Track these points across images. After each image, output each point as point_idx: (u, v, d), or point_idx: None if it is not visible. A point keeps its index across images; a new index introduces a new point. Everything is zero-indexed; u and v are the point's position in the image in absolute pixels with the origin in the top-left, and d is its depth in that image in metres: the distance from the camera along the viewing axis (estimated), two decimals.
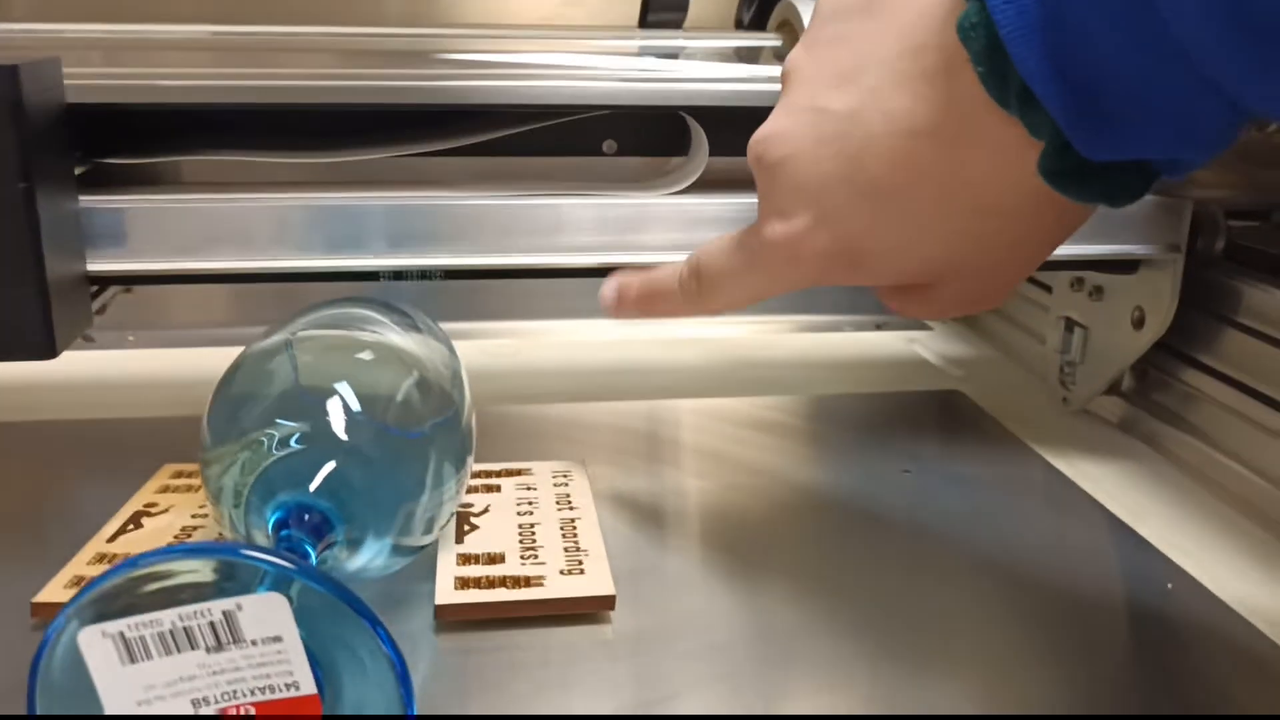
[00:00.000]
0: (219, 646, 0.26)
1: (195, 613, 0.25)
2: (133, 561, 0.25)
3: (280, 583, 0.26)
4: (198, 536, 0.43)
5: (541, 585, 0.39)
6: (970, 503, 0.50)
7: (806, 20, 0.54)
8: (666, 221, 0.47)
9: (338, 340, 0.41)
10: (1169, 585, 0.43)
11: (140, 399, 0.62)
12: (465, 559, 0.41)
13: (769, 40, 0.61)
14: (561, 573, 0.40)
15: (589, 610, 0.39)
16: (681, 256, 0.40)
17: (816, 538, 0.47)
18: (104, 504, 0.45)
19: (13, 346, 0.40)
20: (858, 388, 0.66)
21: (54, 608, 0.38)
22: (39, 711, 0.26)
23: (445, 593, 0.39)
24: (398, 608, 0.39)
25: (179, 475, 0.48)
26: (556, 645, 0.38)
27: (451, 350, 0.44)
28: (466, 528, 0.43)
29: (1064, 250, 0.50)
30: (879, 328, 0.77)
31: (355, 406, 0.37)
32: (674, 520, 0.49)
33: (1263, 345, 0.50)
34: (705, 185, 0.50)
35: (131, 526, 0.43)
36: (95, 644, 0.25)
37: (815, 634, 0.40)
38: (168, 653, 0.25)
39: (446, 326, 0.45)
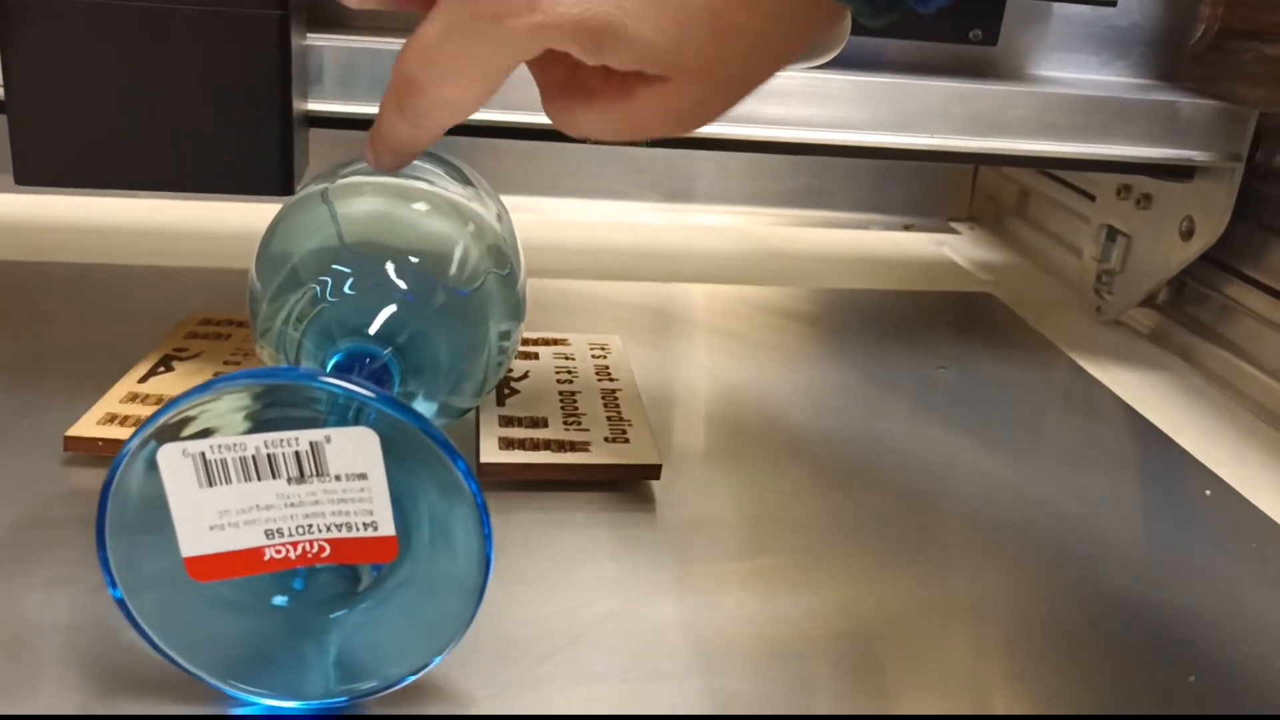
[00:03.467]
0: (301, 478, 0.25)
1: (281, 440, 0.24)
2: (217, 382, 0.24)
3: (364, 417, 0.25)
4: None
5: (587, 451, 0.38)
6: (1005, 403, 0.50)
7: None
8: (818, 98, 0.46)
9: (394, 189, 0.39)
10: (1207, 492, 0.43)
11: (169, 248, 0.61)
12: (508, 421, 0.40)
13: None
14: (606, 440, 0.39)
15: (635, 478, 0.39)
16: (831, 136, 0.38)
17: (851, 428, 0.46)
18: (132, 346, 0.44)
19: (251, 181, 0.38)
20: (887, 285, 0.65)
21: (87, 442, 0.37)
22: (108, 526, 0.25)
23: (490, 452, 0.38)
24: None
25: (207, 323, 0.47)
26: (600, 510, 0.38)
27: (503, 207, 0.42)
28: (506, 391, 0.42)
29: (1120, 151, 0.50)
30: (907, 228, 0.76)
31: (413, 256, 0.36)
32: (710, 400, 0.48)
33: None
34: None
35: (162, 369, 0.42)
36: (174, 463, 0.24)
37: (848, 523, 0.39)
38: (247, 479, 0.25)
39: None
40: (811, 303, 0.61)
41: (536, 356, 0.46)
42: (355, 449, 0.25)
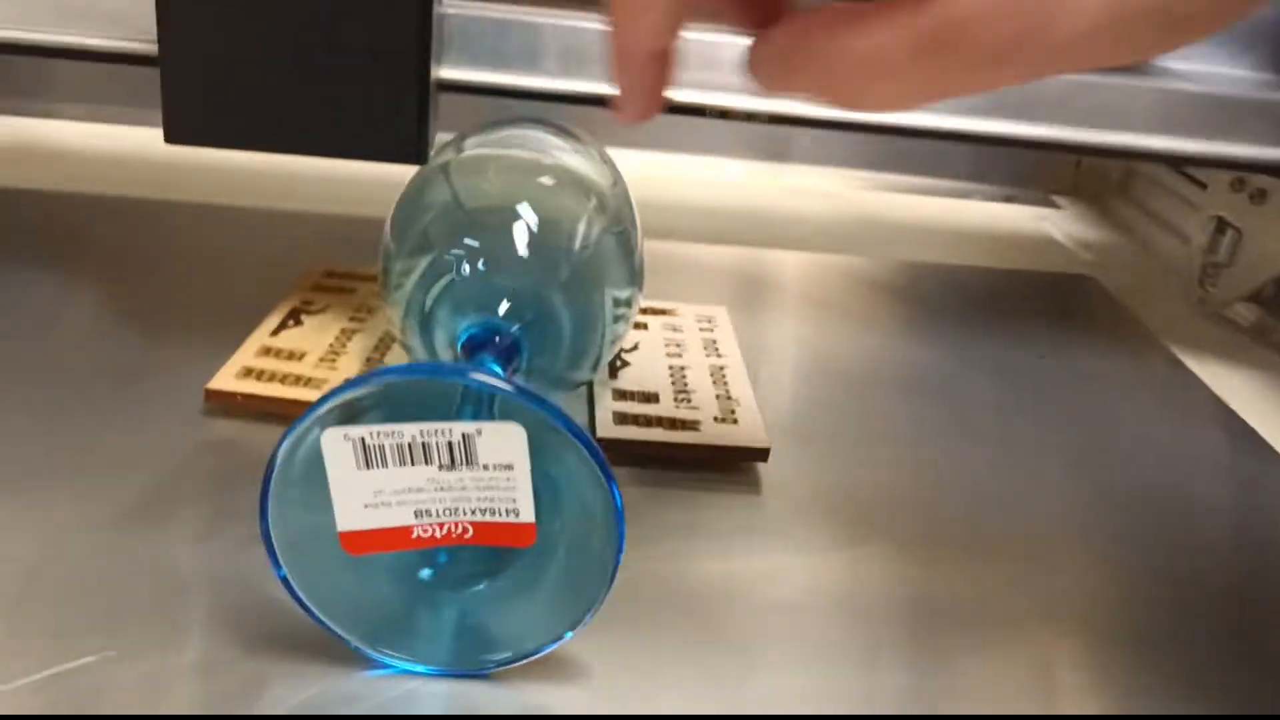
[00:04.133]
0: (451, 465, 0.26)
1: (436, 430, 0.26)
2: (380, 373, 0.26)
3: (519, 413, 0.27)
4: (357, 339, 0.43)
5: (697, 430, 0.40)
6: (1103, 397, 0.50)
7: None
8: None
9: (523, 163, 0.40)
10: None
11: (296, 191, 0.62)
12: (621, 395, 0.41)
13: None
14: (716, 420, 0.40)
15: (743, 460, 0.40)
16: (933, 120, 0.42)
17: (951, 412, 0.47)
18: (260, 294, 0.46)
19: (388, 149, 0.40)
20: (986, 260, 0.65)
21: (225, 395, 0.39)
22: (271, 499, 0.27)
23: (605, 426, 0.39)
24: None
25: (332, 275, 0.48)
26: (709, 489, 0.39)
27: (619, 173, 0.43)
28: (619, 363, 0.44)
29: (1239, 150, 0.49)
30: (1009, 200, 0.75)
31: (540, 232, 0.37)
32: (807, 376, 0.49)
33: None
34: None
35: (291, 322, 0.44)
36: (336, 445, 0.26)
37: (944, 517, 0.40)
38: (402, 464, 0.26)
39: None
40: (909, 277, 0.61)
41: (646, 327, 0.47)
42: (504, 442, 0.26)
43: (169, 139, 0.39)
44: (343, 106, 0.39)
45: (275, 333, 0.43)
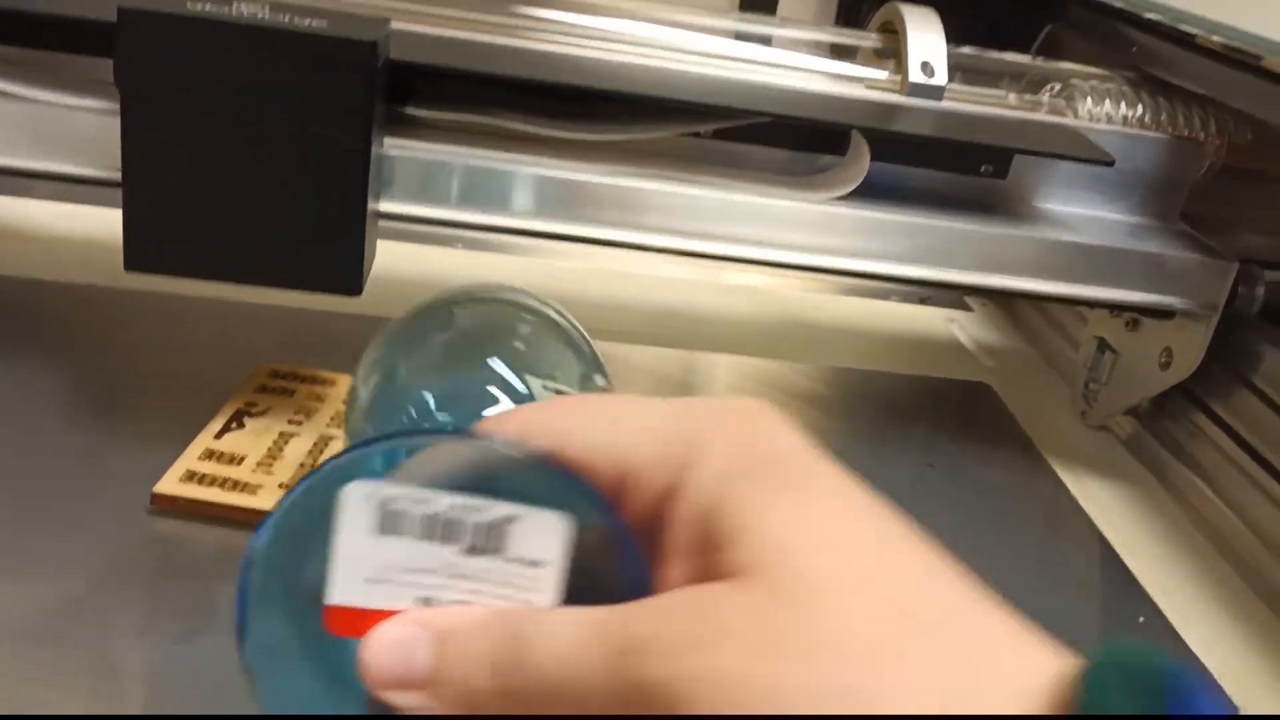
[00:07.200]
0: (475, 550, 0.24)
1: (470, 506, 0.23)
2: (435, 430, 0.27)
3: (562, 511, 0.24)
4: (294, 443, 0.48)
5: None
6: (982, 509, 0.55)
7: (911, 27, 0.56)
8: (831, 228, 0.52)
9: (495, 346, 0.43)
10: (1140, 619, 0.49)
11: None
12: None
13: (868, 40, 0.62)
14: None
15: None
16: (840, 262, 0.47)
17: None
18: (211, 386, 0.50)
19: (324, 280, 0.44)
20: (892, 363, 0.70)
21: (170, 499, 0.43)
22: (261, 543, 0.24)
23: None
24: None
25: (275, 375, 0.53)
26: None
27: (598, 363, 0.46)
28: None
29: (1104, 293, 0.55)
30: (923, 301, 0.80)
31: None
32: None
33: (1273, 415, 0.54)
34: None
35: (235, 425, 0.48)
36: (356, 502, 0.23)
37: None
38: (423, 538, 0.23)
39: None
40: (822, 382, 0.66)
41: None
42: (541, 534, 0.23)
43: (128, 266, 0.43)
44: (290, 244, 0.44)
45: (219, 435, 0.47)
